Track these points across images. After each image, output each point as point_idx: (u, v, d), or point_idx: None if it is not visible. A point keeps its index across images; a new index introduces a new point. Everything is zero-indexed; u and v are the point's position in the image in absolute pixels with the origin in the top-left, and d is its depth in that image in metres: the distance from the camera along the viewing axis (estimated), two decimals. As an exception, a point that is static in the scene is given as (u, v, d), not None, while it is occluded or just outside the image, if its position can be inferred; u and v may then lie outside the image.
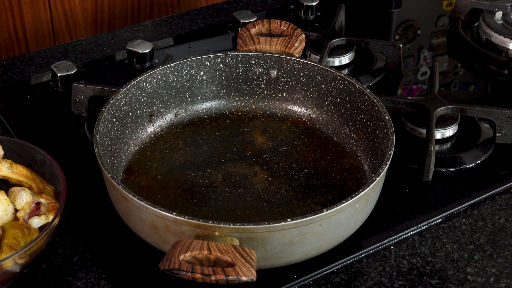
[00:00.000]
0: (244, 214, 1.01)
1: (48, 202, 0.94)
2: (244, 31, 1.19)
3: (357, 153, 1.09)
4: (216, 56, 1.14)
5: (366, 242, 1.01)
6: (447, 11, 1.53)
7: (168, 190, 1.04)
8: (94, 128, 1.00)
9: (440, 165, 1.13)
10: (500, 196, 1.09)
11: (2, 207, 0.92)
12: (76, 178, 1.08)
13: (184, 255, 0.85)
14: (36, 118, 1.21)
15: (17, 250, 0.89)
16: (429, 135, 1.11)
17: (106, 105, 1.04)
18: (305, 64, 1.14)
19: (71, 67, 1.27)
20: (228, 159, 1.09)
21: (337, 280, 0.97)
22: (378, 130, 1.05)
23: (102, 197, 1.06)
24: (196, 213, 1.00)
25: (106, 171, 0.94)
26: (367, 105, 1.08)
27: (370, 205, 0.98)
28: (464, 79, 1.37)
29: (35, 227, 0.94)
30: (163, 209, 0.89)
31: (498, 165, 1.14)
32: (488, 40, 1.39)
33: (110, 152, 1.03)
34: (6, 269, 0.88)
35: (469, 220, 1.05)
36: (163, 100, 1.13)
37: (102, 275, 0.96)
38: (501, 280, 0.97)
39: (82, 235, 1.01)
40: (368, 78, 1.31)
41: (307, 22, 1.46)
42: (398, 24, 1.50)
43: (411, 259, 1.00)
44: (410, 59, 1.39)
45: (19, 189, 0.94)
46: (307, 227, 0.90)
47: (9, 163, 0.96)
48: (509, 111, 1.16)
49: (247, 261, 0.84)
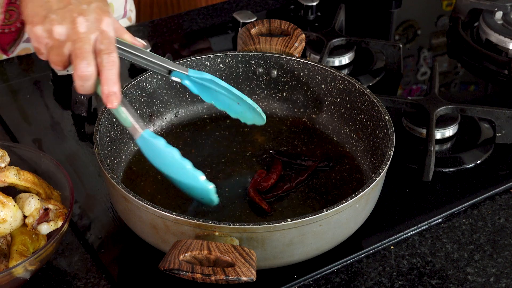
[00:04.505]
0: (244, 214, 1.01)
1: (57, 208, 0.94)
2: (244, 31, 1.19)
3: (357, 153, 1.09)
4: (216, 56, 1.14)
5: (366, 242, 1.01)
6: (447, 11, 1.53)
7: (168, 190, 1.04)
8: (94, 128, 1.00)
9: (440, 165, 1.13)
10: (500, 196, 1.09)
11: (11, 214, 0.92)
12: (76, 178, 1.08)
13: (184, 255, 0.85)
14: (37, 119, 1.21)
15: (26, 256, 0.89)
16: (429, 135, 1.11)
17: (106, 105, 1.04)
18: (305, 64, 1.14)
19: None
20: (228, 159, 1.09)
21: (337, 280, 0.97)
22: (378, 130, 1.05)
23: (102, 197, 1.06)
24: (196, 213, 1.00)
25: (106, 171, 0.94)
26: (367, 105, 1.08)
27: (370, 205, 0.98)
28: (464, 79, 1.37)
29: (44, 233, 0.93)
30: (163, 209, 0.89)
31: (498, 165, 1.14)
32: (488, 40, 1.39)
33: (110, 152, 1.03)
34: (17, 276, 0.88)
35: (469, 220, 1.05)
36: (163, 100, 1.13)
37: (102, 275, 0.96)
38: (501, 280, 0.97)
39: (82, 235, 1.01)
40: (368, 78, 1.31)
41: (307, 22, 1.46)
42: (398, 24, 1.50)
43: (411, 259, 1.00)
44: (410, 59, 1.39)
45: (27, 195, 0.94)
46: (307, 227, 0.90)
47: (16, 170, 0.96)
48: (509, 111, 1.16)
49: (247, 261, 0.84)
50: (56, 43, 0.92)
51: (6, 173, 0.95)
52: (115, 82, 0.92)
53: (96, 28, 0.92)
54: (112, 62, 0.92)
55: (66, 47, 0.92)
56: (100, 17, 0.93)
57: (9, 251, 0.91)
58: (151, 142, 0.96)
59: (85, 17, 0.92)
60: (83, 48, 0.91)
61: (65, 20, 0.92)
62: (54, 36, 0.92)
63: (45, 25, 0.92)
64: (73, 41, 0.91)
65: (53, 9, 0.93)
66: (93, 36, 0.92)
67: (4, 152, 0.97)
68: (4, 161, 0.96)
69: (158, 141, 0.96)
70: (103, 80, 0.92)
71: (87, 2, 0.93)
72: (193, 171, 0.96)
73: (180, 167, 0.96)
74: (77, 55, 0.91)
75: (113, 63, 0.92)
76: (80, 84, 0.92)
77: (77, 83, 0.93)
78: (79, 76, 0.92)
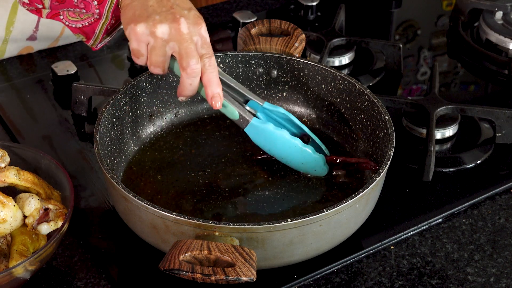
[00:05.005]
0: (244, 214, 1.01)
1: (57, 208, 0.94)
2: (244, 31, 1.19)
3: (357, 153, 1.09)
4: (216, 56, 1.14)
5: (366, 242, 1.01)
6: (447, 11, 1.53)
7: (168, 190, 1.04)
8: (94, 128, 1.00)
9: (440, 165, 1.13)
10: (500, 196, 1.09)
11: (11, 214, 0.92)
12: (76, 178, 1.08)
13: (184, 255, 0.85)
14: (37, 119, 1.21)
15: (26, 256, 0.89)
16: (429, 135, 1.11)
17: (106, 105, 1.04)
18: (305, 64, 1.14)
19: (71, 67, 1.27)
20: (228, 159, 1.09)
21: (337, 280, 0.97)
22: (378, 130, 1.05)
23: (102, 197, 1.06)
24: (196, 213, 1.00)
25: (106, 171, 0.94)
26: (367, 105, 1.08)
27: (370, 205, 0.98)
28: (464, 79, 1.37)
29: (44, 233, 0.93)
30: (163, 209, 0.89)
31: (498, 165, 1.14)
32: (488, 40, 1.39)
33: (110, 152, 1.03)
34: (17, 276, 0.88)
35: (469, 220, 1.05)
36: (163, 100, 1.13)
37: (102, 275, 0.96)
38: (501, 280, 0.97)
39: (82, 235, 1.01)
40: (368, 78, 1.31)
41: (307, 22, 1.46)
42: (398, 24, 1.50)
43: (411, 259, 1.00)
44: (410, 59, 1.39)
45: (27, 196, 0.94)
46: (307, 227, 0.90)
47: (16, 170, 0.96)
48: (509, 111, 1.16)
49: (247, 261, 0.85)
50: (159, 42, 0.96)
51: (6, 173, 0.95)
52: (218, 84, 0.97)
53: (197, 32, 0.97)
54: (213, 65, 0.97)
55: (168, 46, 0.96)
56: (198, 22, 0.98)
57: (9, 251, 0.91)
58: (260, 128, 1.02)
59: (186, 19, 0.97)
60: (189, 47, 0.96)
61: (168, 19, 0.96)
62: (157, 35, 0.96)
63: (148, 23, 0.96)
64: (177, 41, 0.96)
65: (157, 11, 0.97)
66: (195, 38, 0.97)
67: (4, 152, 0.97)
68: (4, 161, 0.96)
69: (267, 126, 1.01)
70: (207, 83, 0.97)
71: (188, 9, 0.98)
72: (303, 148, 1.02)
73: (292, 146, 1.02)
74: (187, 53, 0.96)
75: (214, 67, 0.97)
76: (189, 82, 0.97)
77: (186, 82, 0.97)
78: (189, 73, 0.96)
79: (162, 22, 0.96)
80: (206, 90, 0.97)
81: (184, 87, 0.98)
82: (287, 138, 1.02)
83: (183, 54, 0.96)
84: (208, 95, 0.97)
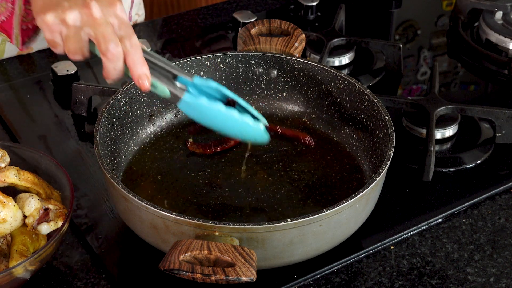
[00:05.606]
0: (244, 214, 1.01)
1: (57, 208, 0.94)
2: (244, 31, 1.19)
3: (357, 153, 1.09)
4: (216, 56, 1.14)
5: (366, 242, 1.01)
6: (447, 11, 1.53)
7: (168, 190, 1.04)
8: (94, 128, 1.00)
9: (440, 165, 1.13)
10: (500, 196, 1.09)
11: (11, 214, 0.92)
12: (76, 178, 1.08)
13: (184, 255, 0.85)
14: (37, 118, 1.21)
15: (26, 256, 0.89)
16: (429, 135, 1.11)
17: (106, 105, 1.04)
18: (305, 64, 1.14)
19: (71, 67, 1.27)
20: (228, 159, 1.09)
21: (337, 280, 0.97)
22: (378, 130, 1.05)
23: (102, 197, 1.06)
24: (196, 213, 1.00)
25: (106, 171, 0.94)
26: (367, 105, 1.08)
27: (370, 205, 0.98)
28: (464, 79, 1.37)
29: (44, 233, 0.93)
30: (163, 209, 0.89)
31: (498, 165, 1.14)
32: (488, 40, 1.39)
33: (110, 152, 1.03)
34: (17, 276, 0.88)
35: (469, 220, 1.05)
36: (163, 100, 1.13)
37: (102, 275, 0.96)
38: (501, 280, 0.97)
39: (82, 235, 1.01)
40: (368, 78, 1.31)
41: (307, 22, 1.46)
42: (398, 24, 1.50)
43: (411, 259, 1.00)
44: (410, 59, 1.39)
45: (27, 195, 0.94)
46: (307, 227, 0.90)
47: (16, 170, 0.96)
48: (509, 111, 1.16)
49: (247, 261, 0.85)
50: (72, 30, 0.92)
51: (6, 173, 0.95)
52: (143, 64, 0.93)
53: (112, 13, 0.92)
54: (135, 45, 0.92)
55: (83, 32, 0.92)
56: (112, 3, 0.93)
57: (9, 251, 0.91)
58: (194, 103, 0.98)
59: (98, 2, 0.91)
60: (106, 31, 0.91)
61: (77, 5, 0.91)
62: (69, 23, 0.91)
63: (57, 11, 0.91)
64: (92, 26, 0.91)
65: None
66: (111, 20, 0.92)
67: (4, 152, 0.97)
68: (4, 161, 0.96)
69: (201, 100, 0.98)
70: (131, 64, 0.92)
71: None
72: (241, 118, 0.99)
73: (229, 117, 0.99)
74: (104, 38, 0.91)
75: (137, 47, 0.93)
76: (112, 66, 0.92)
77: (109, 66, 0.92)
78: (109, 58, 0.91)
79: (71, 8, 0.91)
80: (132, 72, 0.93)
81: (108, 71, 0.93)
82: (222, 111, 0.98)
83: (100, 39, 0.91)
84: (135, 76, 0.93)
